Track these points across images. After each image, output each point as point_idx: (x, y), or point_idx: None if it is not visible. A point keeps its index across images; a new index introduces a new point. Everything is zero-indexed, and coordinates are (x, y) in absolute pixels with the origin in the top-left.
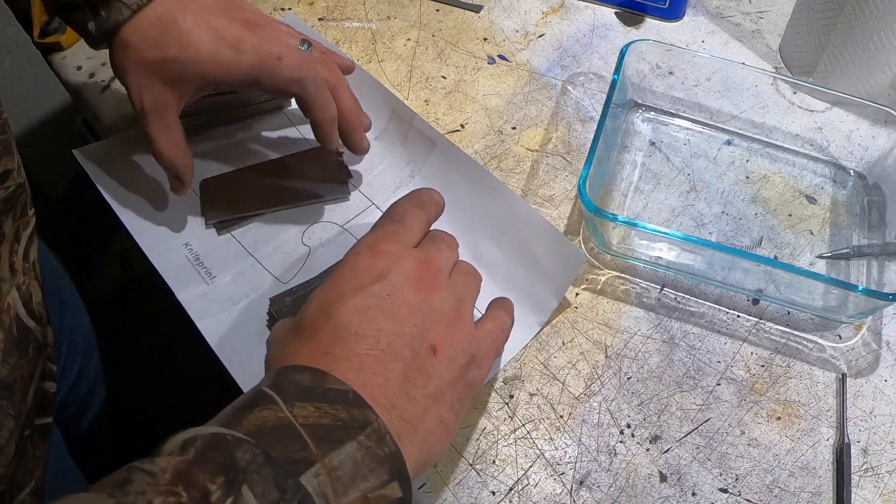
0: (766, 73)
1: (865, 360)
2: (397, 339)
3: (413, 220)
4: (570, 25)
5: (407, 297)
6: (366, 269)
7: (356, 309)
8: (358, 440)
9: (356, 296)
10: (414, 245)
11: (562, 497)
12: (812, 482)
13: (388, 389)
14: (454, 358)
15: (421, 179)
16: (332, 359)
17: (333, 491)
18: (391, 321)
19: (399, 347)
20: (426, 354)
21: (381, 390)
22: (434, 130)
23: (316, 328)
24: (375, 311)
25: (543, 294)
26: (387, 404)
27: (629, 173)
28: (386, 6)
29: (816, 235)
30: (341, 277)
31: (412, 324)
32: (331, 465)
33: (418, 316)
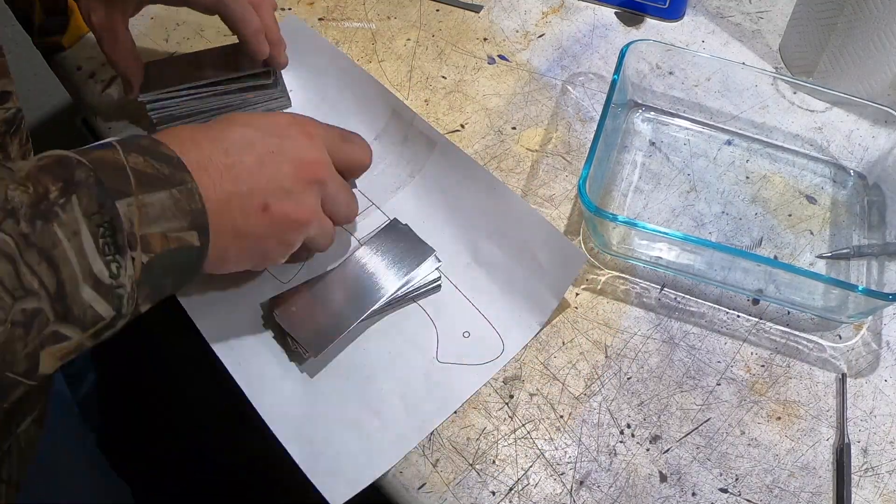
0: (766, 73)
1: (865, 360)
2: (248, 176)
3: (350, 151)
4: (570, 25)
5: (283, 165)
6: (281, 126)
7: (244, 137)
8: (171, 191)
9: (255, 132)
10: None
11: (562, 497)
12: (812, 482)
13: (210, 193)
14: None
15: (421, 179)
16: (194, 147)
17: (139, 220)
18: (255, 165)
19: (242, 182)
20: (257, 206)
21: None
22: (434, 130)
23: (210, 127)
24: (252, 150)
25: (543, 294)
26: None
27: (629, 173)
28: (386, 6)
29: (816, 235)
30: (263, 116)
31: (267, 180)
32: (143, 201)
33: (276, 182)
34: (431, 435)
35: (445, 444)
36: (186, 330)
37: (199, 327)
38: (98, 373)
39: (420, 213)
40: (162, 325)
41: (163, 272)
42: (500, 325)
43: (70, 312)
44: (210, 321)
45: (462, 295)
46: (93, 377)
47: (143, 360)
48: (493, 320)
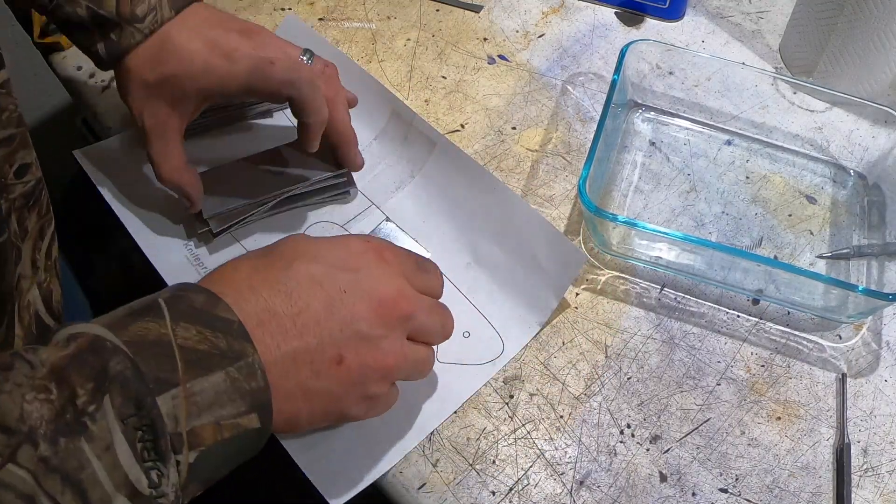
0: (766, 73)
1: (865, 360)
2: (316, 326)
3: (429, 279)
4: (570, 25)
5: (357, 305)
6: (353, 255)
7: (310, 276)
8: (227, 371)
9: (322, 267)
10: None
11: (562, 497)
12: (812, 482)
13: (272, 355)
14: (350, 381)
15: (421, 179)
16: (254, 296)
17: (187, 413)
18: (324, 310)
19: (310, 333)
20: (330, 359)
21: (267, 351)
22: (434, 130)
23: (271, 263)
24: (320, 291)
25: (543, 294)
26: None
27: (629, 173)
28: (386, 6)
29: (816, 235)
30: (332, 244)
31: (340, 327)
32: (191, 391)
33: (351, 328)
34: (431, 435)
35: (445, 444)
36: None
37: None
38: None
39: (420, 212)
40: None
41: (214, 465)
42: (500, 326)
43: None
44: None
45: (462, 295)
46: None
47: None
48: (493, 320)
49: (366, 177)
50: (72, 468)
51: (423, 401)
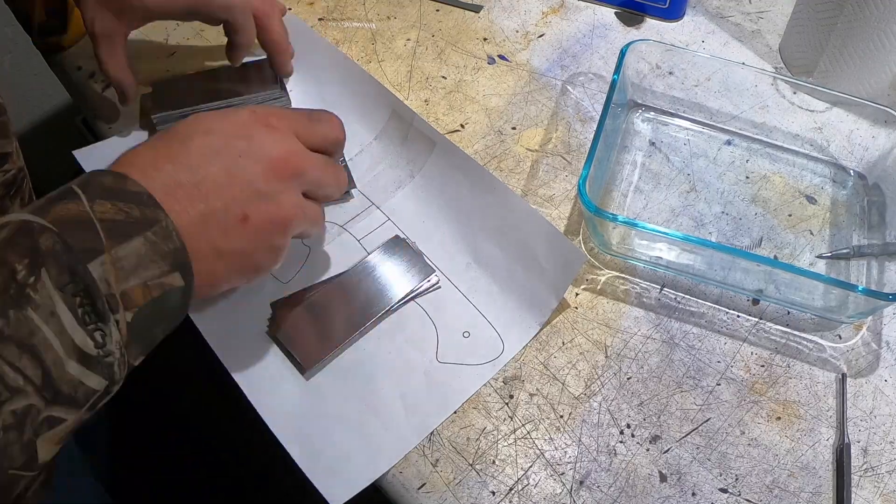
0: (766, 73)
1: (865, 360)
2: (219, 189)
3: (320, 130)
4: (570, 25)
5: (253, 167)
6: (243, 125)
7: (208, 147)
8: (145, 235)
9: (218, 138)
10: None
11: (562, 497)
12: (812, 482)
13: (183, 220)
14: (256, 236)
15: (421, 179)
16: (158, 172)
17: (116, 277)
18: (225, 175)
19: (215, 197)
20: (235, 219)
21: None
22: (434, 130)
23: (171, 142)
24: (219, 159)
25: (543, 293)
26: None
27: (629, 173)
28: (386, 6)
29: (816, 235)
30: (223, 117)
31: (240, 189)
32: (116, 256)
33: (250, 188)
34: (431, 435)
35: (445, 444)
36: (186, 330)
37: (199, 327)
38: None
39: (420, 213)
40: None
41: (150, 324)
42: (500, 325)
43: (60, 394)
44: (210, 321)
45: (462, 295)
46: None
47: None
48: (493, 320)
49: (366, 177)
50: (24, 335)
51: (423, 401)
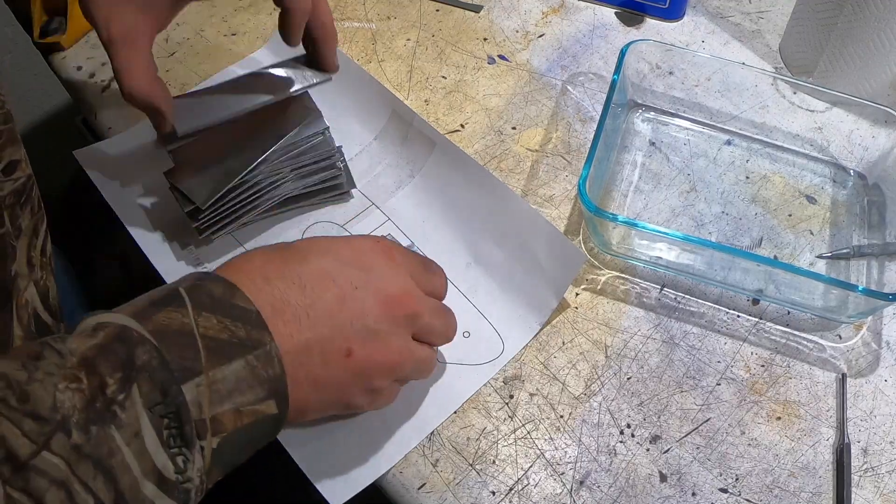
0: (766, 73)
1: (865, 360)
2: (328, 318)
3: (435, 282)
4: (570, 25)
5: (367, 301)
6: (364, 253)
7: (323, 271)
8: (246, 359)
9: (335, 263)
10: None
11: (562, 497)
12: (812, 482)
13: (286, 344)
14: (358, 373)
15: (421, 179)
16: (269, 287)
17: (209, 401)
18: (336, 303)
19: (322, 325)
20: (340, 351)
21: (281, 339)
22: (434, 130)
23: (286, 257)
24: (333, 285)
25: (543, 294)
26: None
27: (629, 173)
28: (386, 6)
29: (816, 235)
30: (344, 242)
31: (350, 321)
32: (213, 378)
33: (360, 322)
34: (431, 435)
35: (445, 444)
36: None
37: None
38: None
39: (420, 213)
40: None
41: (235, 450)
42: (500, 325)
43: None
44: None
45: (462, 295)
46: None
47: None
48: (494, 320)
49: (366, 177)
50: (103, 455)
51: (424, 401)
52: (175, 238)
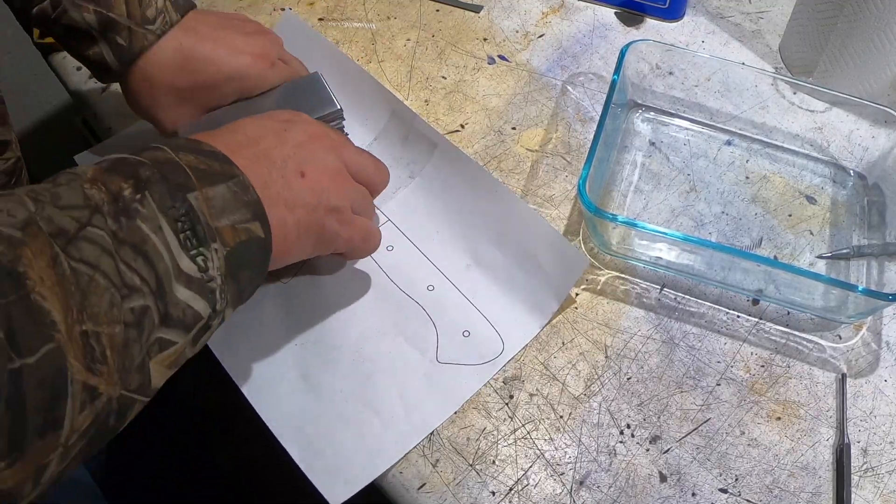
0: (766, 73)
1: (865, 360)
2: (275, 149)
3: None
4: (570, 25)
5: (299, 136)
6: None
7: (256, 125)
8: (227, 185)
9: (265, 120)
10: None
11: (562, 497)
12: (812, 482)
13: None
14: (316, 189)
15: (421, 181)
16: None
17: (209, 213)
18: (276, 139)
19: (273, 155)
20: (295, 173)
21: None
22: (434, 131)
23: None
24: (269, 131)
25: (544, 296)
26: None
27: (629, 173)
28: (386, 6)
29: (816, 235)
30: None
31: (293, 149)
32: (207, 195)
33: (301, 151)
34: (431, 435)
35: (445, 444)
36: None
37: None
38: None
39: (420, 213)
40: None
41: (241, 265)
42: (499, 325)
43: (170, 315)
44: None
45: (462, 295)
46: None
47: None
48: (493, 320)
49: None
50: (137, 241)
51: (423, 401)
52: None
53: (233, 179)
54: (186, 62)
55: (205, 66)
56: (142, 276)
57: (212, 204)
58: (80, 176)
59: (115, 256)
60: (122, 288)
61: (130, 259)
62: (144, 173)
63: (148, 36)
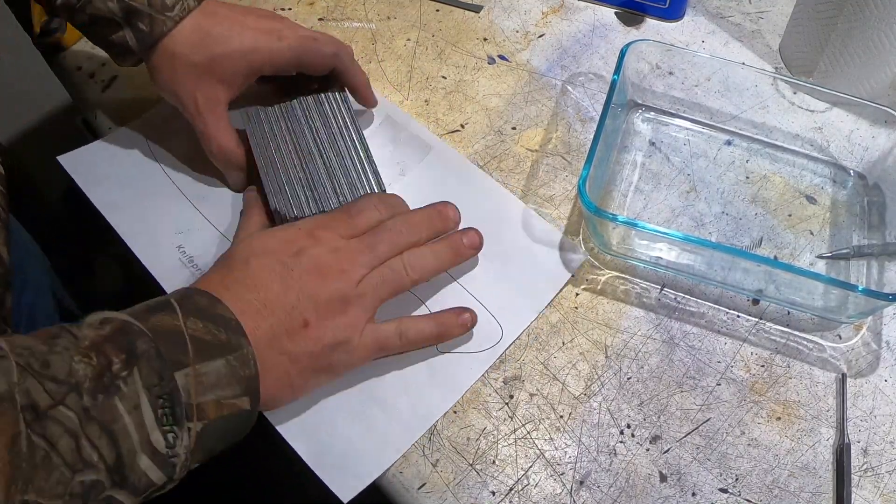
0: (766, 73)
1: (865, 360)
2: (280, 303)
3: (365, 219)
4: (570, 25)
5: (304, 277)
6: (292, 243)
7: (263, 267)
8: (227, 359)
9: (270, 259)
10: (351, 237)
11: (562, 497)
12: (812, 482)
13: (255, 334)
14: (320, 337)
15: (413, 177)
16: (228, 294)
17: (196, 390)
18: (281, 288)
19: (278, 310)
20: (298, 325)
21: (254, 331)
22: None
23: (232, 266)
24: (275, 275)
25: (540, 284)
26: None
27: (629, 173)
28: (386, 6)
29: (816, 235)
30: (274, 237)
31: (297, 298)
32: (200, 371)
33: (305, 296)
34: (431, 435)
35: (445, 444)
36: None
37: None
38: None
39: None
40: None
41: (215, 437)
42: (497, 312)
43: (126, 480)
44: None
45: (458, 284)
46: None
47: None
48: (491, 308)
49: None
50: (107, 420)
51: (425, 391)
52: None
53: (235, 353)
54: (202, 40)
55: (218, 42)
56: (101, 454)
57: (202, 380)
58: (79, 341)
59: (80, 433)
60: (77, 464)
61: (95, 436)
62: (141, 347)
63: (167, 22)
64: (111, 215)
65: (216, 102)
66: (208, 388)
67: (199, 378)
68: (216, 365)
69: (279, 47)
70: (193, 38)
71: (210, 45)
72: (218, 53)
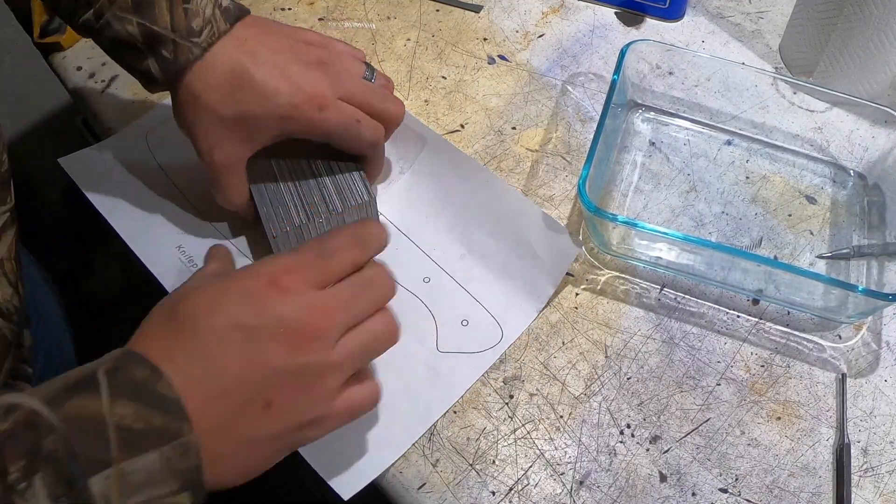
0: (766, 73)
1: (865, 360)
2: (237, 382)
3: (340, 262)
4: (570, 25)
5: (268, 347)
6: (253, 297)
7: (215, 333)
8: (161, 450)
9: (226, 318)
10: (323, 286)
11: (562, 497)
12: (812, 482)
13: (204, 423)
14: (286, 419)
15: (411, 176)
16: (172, 366)
17: (119, 494)
18: (239, 364)
19: (231, 389)
20: (259, 407)
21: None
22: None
23: (178, 329)
24: (231, 346)
25: (539, 280)
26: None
27: (629, 173)
28: (386, 6)
29: (816, 235)
30: (228, 290)
31: (260, 374)
32: (124, 470)
33: (269, 370)
34: (431, 435)
35: (445, 444)
36: None
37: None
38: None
39: (411, 207)
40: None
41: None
42: (497, 312)
43: None
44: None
45: (458, 284)
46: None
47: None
48: (491, 307)
49: None
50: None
51: (427, 391)
52: (167, 241)
53: (174, 441)
54: (235, 90)
55: (252, 98)
56: None
57: (129, 480)
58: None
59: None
60: None
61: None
62: (48, 447)
63: (193, 49)
64: (112, 216)
65: (237, 160)
66: (136, 488)
67: (124, 478)
68: (147, 459)
69: (318, 119)
70: (225, 85)
71: (242, 101)
72: (249, 112)
